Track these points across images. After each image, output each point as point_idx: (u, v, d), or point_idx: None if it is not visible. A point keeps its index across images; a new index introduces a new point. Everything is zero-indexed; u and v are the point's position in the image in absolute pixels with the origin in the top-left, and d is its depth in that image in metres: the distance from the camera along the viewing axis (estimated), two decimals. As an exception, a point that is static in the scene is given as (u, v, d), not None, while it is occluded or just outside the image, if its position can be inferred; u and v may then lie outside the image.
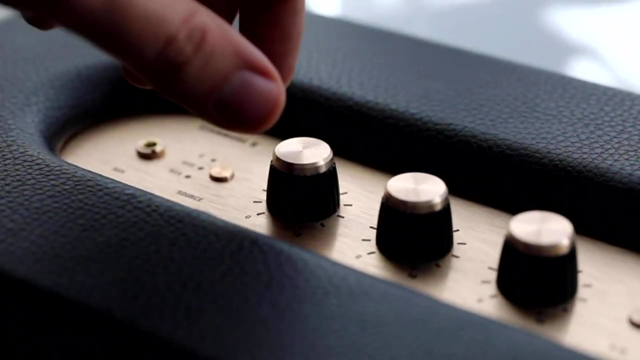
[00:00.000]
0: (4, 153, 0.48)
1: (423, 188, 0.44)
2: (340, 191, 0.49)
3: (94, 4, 0.35)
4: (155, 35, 0.37)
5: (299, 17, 0.43)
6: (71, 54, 0.56)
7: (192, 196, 0.49)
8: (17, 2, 0.36)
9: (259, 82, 0.39)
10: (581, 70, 0.91)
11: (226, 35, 0.38)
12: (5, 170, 0.47)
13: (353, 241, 0.46)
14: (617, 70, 0.91)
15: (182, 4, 0.37)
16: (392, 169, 0.50)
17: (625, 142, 0.48)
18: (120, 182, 0.46)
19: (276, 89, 0.39)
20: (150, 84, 0.39)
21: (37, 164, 0.47)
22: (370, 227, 0.47)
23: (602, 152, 0.47)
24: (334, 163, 0.47)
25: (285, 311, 0.39)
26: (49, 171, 0.47)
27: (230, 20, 0.44)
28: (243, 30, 0.44)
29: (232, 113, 0.39)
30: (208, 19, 0.38)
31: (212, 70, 0.38)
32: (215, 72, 0.38)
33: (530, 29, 0.96)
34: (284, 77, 0.43)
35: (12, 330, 0.43)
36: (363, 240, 0.46)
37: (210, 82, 0.38)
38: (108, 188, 0.45)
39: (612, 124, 0.49)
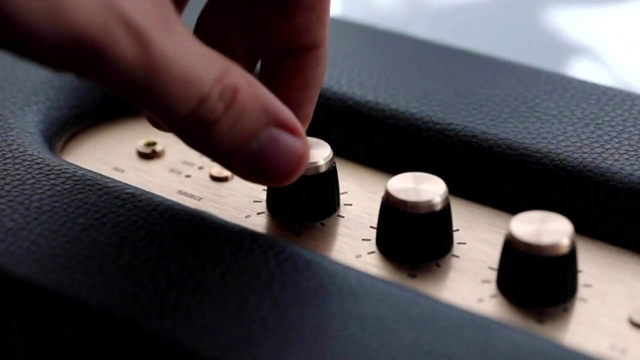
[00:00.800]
0: (4, 152, 0.48)
1: (423, 188, 0.44)
2: (341, 191, 0.49)
3: (132, 65, 0.35)
4: (189, 95, 0.37)
5: (320, 68, 0.44)
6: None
7: (192, 196, 0.49)
8: (53, 63, 0.36)
9: (286, 138, 0.40)
10: (581, 70, 0.91)
11: (256, 92, 0.39)
12: (5, 170, 0.47)
13: (353, 241, 0.46)
14: (617, 70, 0.91)
15: (215, 61, 0.38)
16: (392, 169, 0.50)
17: (626, 142, 0.48)
18: (120, 182, 0.46)
19: (302, 146, 0.40)
20: (178, 137, 0.39)
21: (37, 164, 0.47)
22: (371, 226, 0.47)
23: (602, 152, 0.47)
24: (334, 162, 0.47)
25: (286, 310, 0.39)
26: (49, 171, 0.47)
27: (252, 67, 0.45)
28: (263, 76, 0.44)
29: (259, 168, 0.40)
30: (239, 76, 0.38)
31: (241, 127, 0.38)
32: (244, 130, 0.39)
33: (530, 29, 0.96)
34: (301, 124, 0.43)
35: (12, 330, 0.43)
36: (363, 239, 0.46)
37: (239, 139, 0.39)
38: (108, 187, 0.45)
39: (613, 123, 0.49)
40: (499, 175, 0.48)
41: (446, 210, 0.44)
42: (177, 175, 0.51)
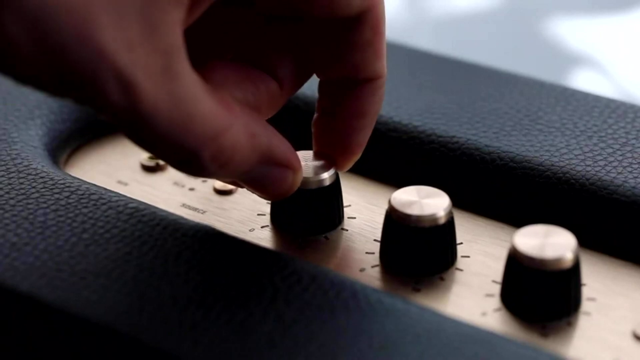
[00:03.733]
0: (8, 166, 0.48)
1: (427, 201, 0.44)
2: (344, 204, 0.49)
3: (120, 113, 0.36)
4: (177, 149, 0.37)
5: (377, 97, 0.44)
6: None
7: (196, 209, 0.49)
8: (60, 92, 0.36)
9: (276, 172, 0.42)
10: (583, 80, 0.91)
11: (256, 144, 0.40)
12: (10, 184, 0.47)
13: (357, 254, 0.46)
14: (619, 80, 0.91)
15: (215, 119, 0.38)
16: (396, 182, 0.50)
17: (629, 155, 0.48)
18: (124, 196, 0.46)
19: (291, 178, 0.42)
20: None
21: (41, 178, 0.47)
22: (374, 240, 0.47)
23: (605, 165, 0.47)
24: (338, 176, 0.47)
25: (291, 325, 0.39)
26: (53, 185, 0.47)
27: (293, 90, 0.44)
28: (321, 100, 0.44)
29: (252, 188, 0.43)
30: (240, 133, 0.39)
31: (234, 170, 0.40)
32: (237, 171, 0.40)
33: (532, 39, 0.96)
34: (352, 151, 0.45)
35: (16, 345, 0.43)
36: (367, 253, 0.46)
37: (231, 177, 0.41)
38: (112, 202, 0.45)
39: (615, 136, 0.49)
40: (502, 188, 0.48)
41: (450, 224, 0.45)
42: (181, 188, 0.51)
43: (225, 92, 0.40)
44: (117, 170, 0.52)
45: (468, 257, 0.46)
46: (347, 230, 0.48)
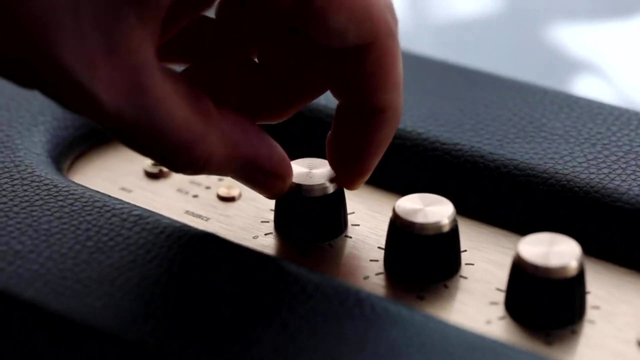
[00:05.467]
0: (11, 173, 0.48)
1: (431, 209, 0.44)
2: (348, 211, 0.49)
3: (84, 114, 0.38)
4: (150, 155, 0.40)
5: (387, 129, 0.43)
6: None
7: (199, 216, 0.49)
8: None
9: (261, 177, 0.43)
10: (585, 86, 0.91)
11: (236, 154, 0.41)
12: (14, 191, 0.47)
13: (361, 262, 0.46)
14: (621, 87, 0.91)
15: (183, 133, 0.39)
16: (399, 189, 0.50)
17: (633, 163, 0.48)
18: (128, 203, 0.46)
19: (279, 185, 0.44)
20: None
21: (45, 185, 0.47)
22: (378, 247, 0.47)
23: (609, 173, 0.47)
24: (342, 183, 0.47)
25: (295, 334, 0.39)
26: (57, 192, 0.47)
27: (310, 98, 0.45)
28: (336, 119, 0.44)
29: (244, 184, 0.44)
30: (214, 145, 0.40)
31: (214, 173, 0.42)
32: (218, 174, 0.43)
33: (533, 45, 0.96)
34: (359, 174, 0.45)
35: (20, 352, 0.43)
36: (371, 260, 0.46)
37: (218, 174, 0.44)
38: (116, 209, 0.45)
39: (619, 143, 0.49)
40: (505, 196, 0.48)
41: (454, 232, 0.45)
42: (185, 195, 0.51)
43: (207, 101, 0.40)
44: (121, 176, 0.52)
45: (472, 264, 0.46)
46: (351, 237, 0.48)
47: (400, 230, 0.44)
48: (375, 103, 0.42)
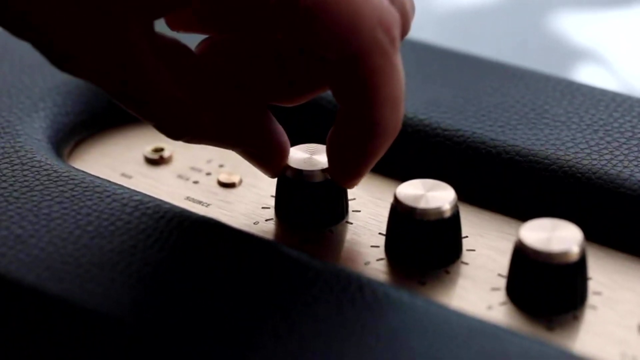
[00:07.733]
0: (12, 159, 0.48)
1: (432, 195, 0.44)
2: (349, 197, 0.48)
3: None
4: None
5: (377, 142, 0.42)
6: (79, 59, 0.56)
7: (200, 202, 0.49)
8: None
9: (253, 160, 0.45)
10: (587, 74, 0.91)
11: (221, 135, 0.43)
12: (14, 177, 0.47)
13: (362, 248, 0.46)
14: (623, 74, 0.91)
15: (168, 108, 0.41)
16: (401, 175, 0.49)
17: (635, 149, 0.48)
18: (128, 188, 0.46)
19: (272, 169, 0.46)
20: None
21: (45, 170, 0.47)
22: (379, 233, 0.47)
23: (611, 159, 0.47)
24: (343, 169, 0.47)
25: (296, 320, 0.39)
26: (57, 177, 0.47)
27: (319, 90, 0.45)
28: (337, 117, 0.43)
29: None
30: (200, 124, 0.42)
31: (205, 144, 0.44)
32: (210, 145, 0.44)
33: (536, 33, 0.96)
34: (349, 178, 0.45)
35: (21, 337, 0.43)
36: (372, 246, 0.46)
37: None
38: (116, 194, 0.45)
39: (622, 130, 0.49)
40: (507, 182, 0.48)
41: (455, 217, 0.44)
42: (185, 181, 0.51)
43: (199, 82, 0.42)
44: (121, 163, 0.52)
45: (474, 250, 0.46)
46: (352, 223, 0.48)
47: (402, 216, 0.44)
48: (365, 116, 0.41)
